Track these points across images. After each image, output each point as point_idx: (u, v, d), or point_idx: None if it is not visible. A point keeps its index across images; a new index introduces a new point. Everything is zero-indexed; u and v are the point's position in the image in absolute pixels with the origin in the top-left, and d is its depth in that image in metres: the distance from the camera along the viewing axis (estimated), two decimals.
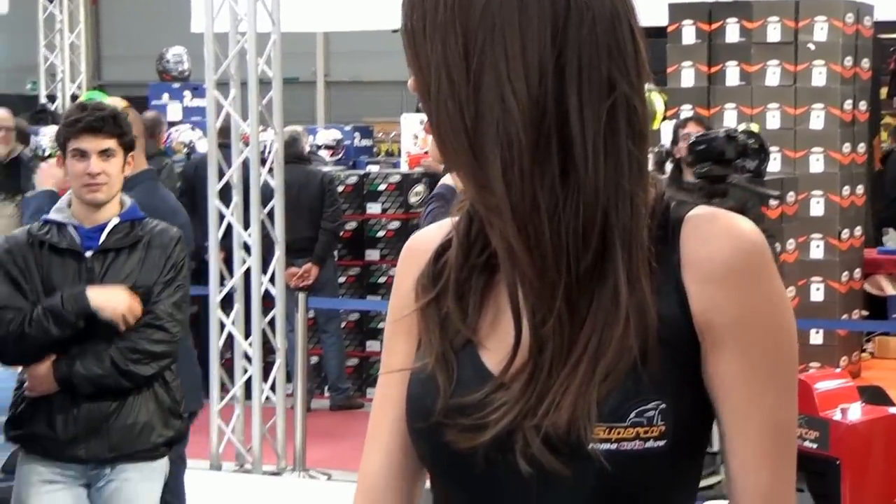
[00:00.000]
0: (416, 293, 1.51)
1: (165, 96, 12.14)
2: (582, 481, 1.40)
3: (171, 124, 10.93)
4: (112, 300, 3.73)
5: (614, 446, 1.38)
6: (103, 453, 3.77)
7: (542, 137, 1.35)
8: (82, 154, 3.76)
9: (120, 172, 3.81)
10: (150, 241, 3.81)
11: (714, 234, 1.41)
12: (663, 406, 1.38)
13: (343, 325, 9.05)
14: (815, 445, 4.79)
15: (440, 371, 1.45)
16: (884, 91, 12.56)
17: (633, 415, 1.38)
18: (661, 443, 1.38)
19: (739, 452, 1.42)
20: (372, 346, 9.19)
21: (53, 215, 3.82)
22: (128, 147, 3.84)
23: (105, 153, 3.76)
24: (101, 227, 3.80)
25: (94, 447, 3.76)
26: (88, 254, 3.79)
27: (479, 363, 1.45)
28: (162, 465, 3.89)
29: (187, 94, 12.22)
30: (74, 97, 13.20)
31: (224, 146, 6.97)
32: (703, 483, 1.54)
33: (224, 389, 6.97)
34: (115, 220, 3.81)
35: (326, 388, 9.14)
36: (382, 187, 9.07)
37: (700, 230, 1.42)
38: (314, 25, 11.40)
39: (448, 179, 6.60)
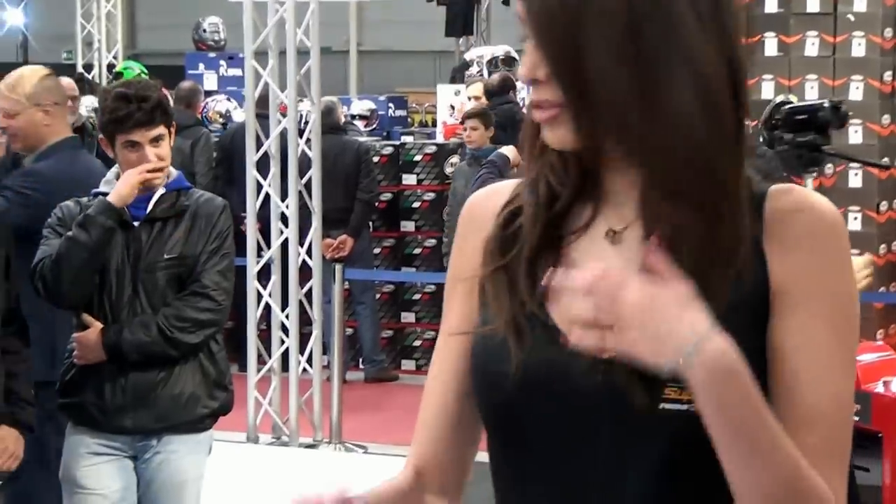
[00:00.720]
0: (484, 256, 1.54)
1: (201, 66, 12.12)
2: (654, 441, 1.43)
3: (208, 94, 10.92)
4: (122, 181, 3.75)
5: (684, 407, 1.40)
6: (150, 424, 3.78)
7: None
8: (133, 145, 3.76)
9: (169, 150, 3.82)
10: (196, 210, 3.81)
11: (795, 208, 1.47)
12: None
13: (378, 296, 9.05)
14: (856, 419, 4.77)
15: (512, 336, 1.48)
16: None
17: None
18: None
19: (795, 416, 1.42)
20: (406, 317, 9.19)
21: (103, 187, 3.82)
22: (172, 121, 3.84)
23: (156, 140, 3.77)
24: (148, 198, 3.80)
25: (141, 417, 3.77)
26: (136, 224, 3.80)
27: (551, 327, 1.48)
28: (208, 437, 3.89)
29: (223, 63, 12.20)
30: (111, 66, 13.21)
31: (261, 116, 6.96)
32: None
33: (260, 361, 6.98)
34: (162, 191, 3.82)
35: (361, 360, 9.16)
36: (418, 158, 9.04)
37: (781, 203, 1.47)
38: None
39: (506, 150, 6.62)
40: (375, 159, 8.93)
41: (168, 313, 3.76)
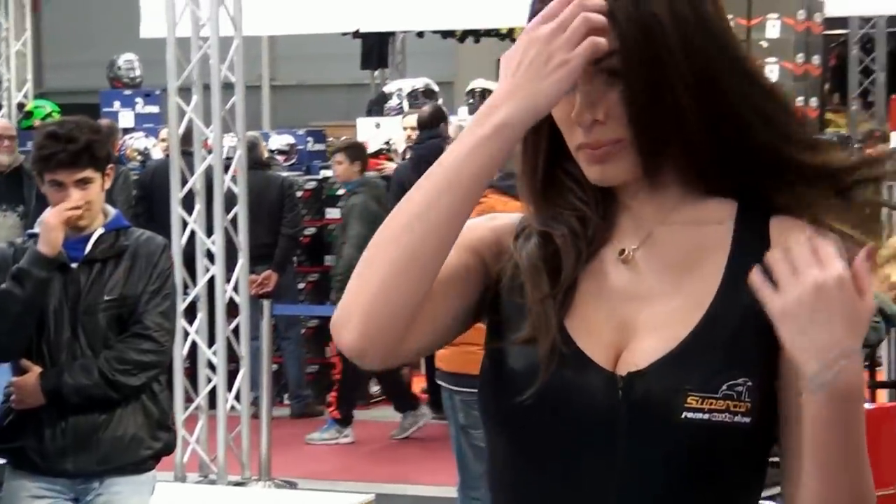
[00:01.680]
0: (532, 274, 1.55)
1: (117, 103, 12.04)
2: (672, 449, 1.46)
3: (125, 132, 10.83)
4: (47, 221, 3.69)
5: (706, 416, 1.45)
6: (91, 466, 3.73)
7: None
8: (59, 184, 3.71)
9: (99, 193, 3.76)
10: (136, 250, 3.77)
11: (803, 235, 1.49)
12: (750, 384, 1.45)
13: (302, 331, 9.01)
14: None
15: (548, 356, 1.50)
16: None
17: (724, 387, 1.45)
18: (747, 420, 1.45)
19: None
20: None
21: (38, 228, 3.77)
22: (104, 164, 3.78)
23: (82, 182, 3.71)
24: (86, 238, 3.76)
25: (82, 460, 3.72)
26: (74, 265, 3.75)
27: (575, 350, 1.51)
28: (151, 478, 3.85)
29: (139, 100, 12.12)
30: (21, 105, 13.05)
31: (184, 153, 6.91)
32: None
33: (187, 399, 6.92)
34: (100, 231, 3.77)
35: (286, 395, 9.11)
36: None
37: (786, 228, 1.51)
38: (272, 29, 11.35)
39: None
40: (299, 194, 8.91)
41: (109, 356, 3.71)
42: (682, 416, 1.45)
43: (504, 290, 1.58)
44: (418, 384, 8.94)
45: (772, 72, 8.61)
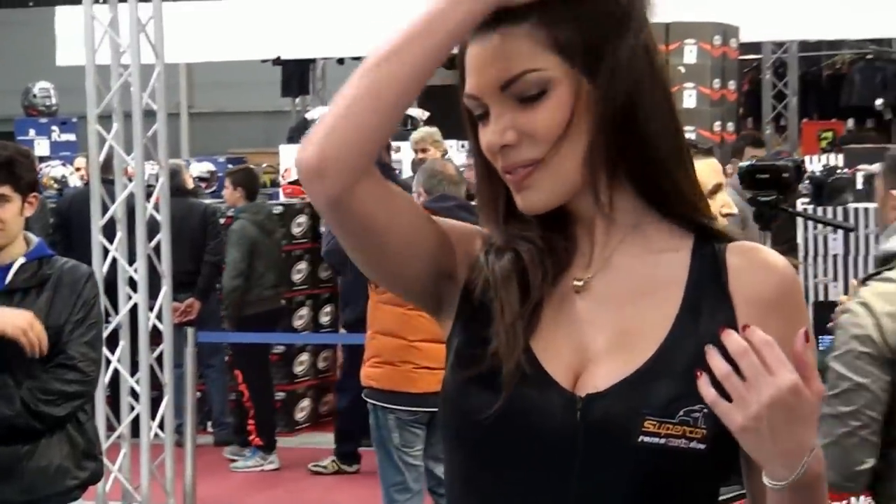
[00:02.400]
0: (503, 284, 1.57)
1: (32, 132, 11.93)
2: (628, 472, 1.48)
3: (40, 160, 10.72)
4: (9, 317, 3.64)
5: (662, 441, 1.47)
6: (15, 497, 3.67)
7: None
8: None
9: (17, 216, 3.72)
10: (59, 279, 3.73)
11: (761, 265, 1.55)
12: (706, 411, 1.46)
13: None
14: None
15: (512, 376, 1.51)
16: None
17: (681, 413, 1.47)
18: (702, 446, 1.47)
19: None
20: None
21: None
22: (26, 188, 3.75)
23: None
24: (7, 267, 3.71)
25: (5, 491, 3.66)
26: None
27: (539, 367, 1.53)
28: None
29: (55, 129, 12.01)
30: None
31: (105, 181, 6.87)
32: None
33: (110, 428, 6.85)
34: (22, 260, 3.73)
35: (210, 423, 9.05)
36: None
37: (745, 259, 1.55)
38: (193, 56, 11.32)
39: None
40: (221, 221, 8.88)
41: (32, 386, 3.66)
42: (639, 439, 1.47)
43: (470, 302, 1.59)
44: None
45: (689, 97, 8.73)
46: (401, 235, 1.56)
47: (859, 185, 7.89)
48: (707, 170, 3.29)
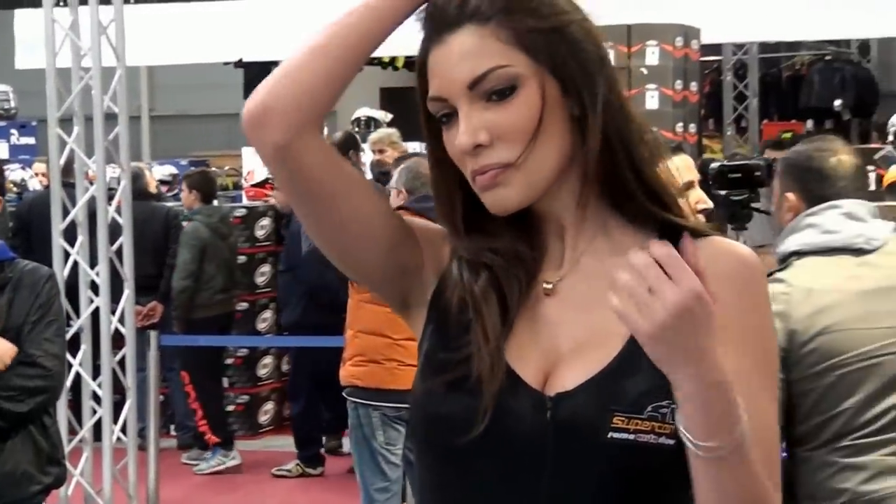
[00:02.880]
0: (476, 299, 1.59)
1: None
2: (599, 469, 1.49)
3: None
4: None
5: (632, 436, 1.48)
6: None
7: None
8: None
9: None
10: (19, 281, 3.72)
11: (722, 254, 1.57)
12: (674, 406, 1.46)
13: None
14: None
15: (491, 384, 1.52)
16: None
17: (650, 408, 1.48)
18: (671, 441, 1.48)
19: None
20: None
21: None
22: None
23: None
24: None
25: None
26: None
27: (511, 372, 1.55)
28: None
29: (14, 132, 11.95)
30: None
31: (65, 184, 6.83)
32: None
33: (72, 431, 6.82)
34: None
35: (173, 426, 9.01)
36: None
37: (708, 249, 1.54)
38: (155, 59, 11.28)
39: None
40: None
41: None
42: (609, 435, 1.48)
43: (441, 310, 1.61)
44: None
45: (652, 98, 8.77)
46: (352, 208, 1.57)
47: None
48: (679, 167, 3.34)
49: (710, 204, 3.48)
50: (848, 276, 3.09)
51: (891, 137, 10.97)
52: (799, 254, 3.14)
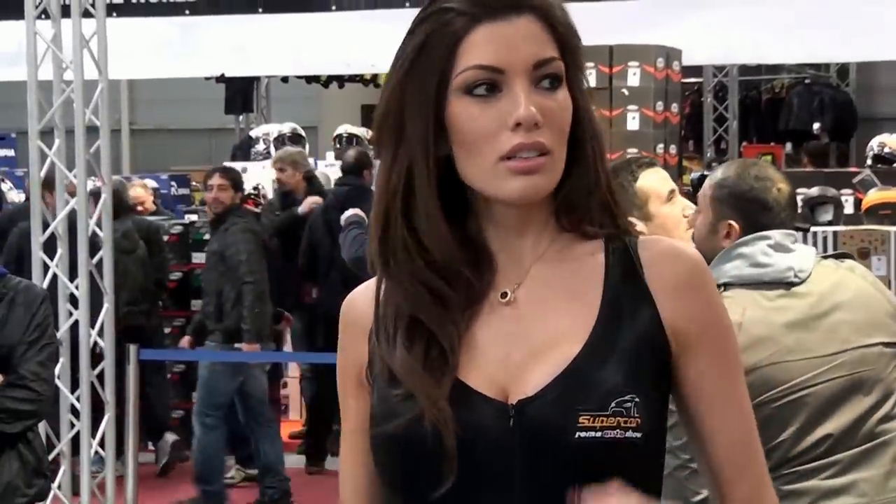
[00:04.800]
0: (380, 341, 1.61)
1: None
2: (569, 470, 1.51)
3: None
4: None
5: (599, 434, 1.50)
6: None
7: None
8: None
9: None
10: (13, 298, 3.72)
11: (670, 254, 1.61)
12: (637, 400, 1.51)
13: (168, 376, 8.92)
14: None
15: (451, 448, 1.53)
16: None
17: (613, 404, 1.51)
18: (638, 434, 1.51)
19: (722, 444, 1.60)
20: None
21: None
22: None
23: None
24: None
25: None
26: None
27: (467, 387, 1.56)
28: None
29: None
30: None
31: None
32: None
33: (50, 445, 6.79)
34: None
35: (151, 441, 8.99)
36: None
37: (656, 251, 1.61)
38: (136, 73, 11.27)
39: (355, 210, 7.03)
40: (164, 238, 8.84)
41: None
42: (576, 435, 1.50)
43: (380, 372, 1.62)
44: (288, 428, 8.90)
45: (633, 119, 8.79)
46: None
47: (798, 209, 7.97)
48: (657, 179, 3.37)
49: (694, 208, 3.50)
50: (775, 307, 3.11)
51: (869, 161, 11.04)
52: (729, 285, 3.16)
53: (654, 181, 3.39)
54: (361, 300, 1.66)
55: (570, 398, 1.51)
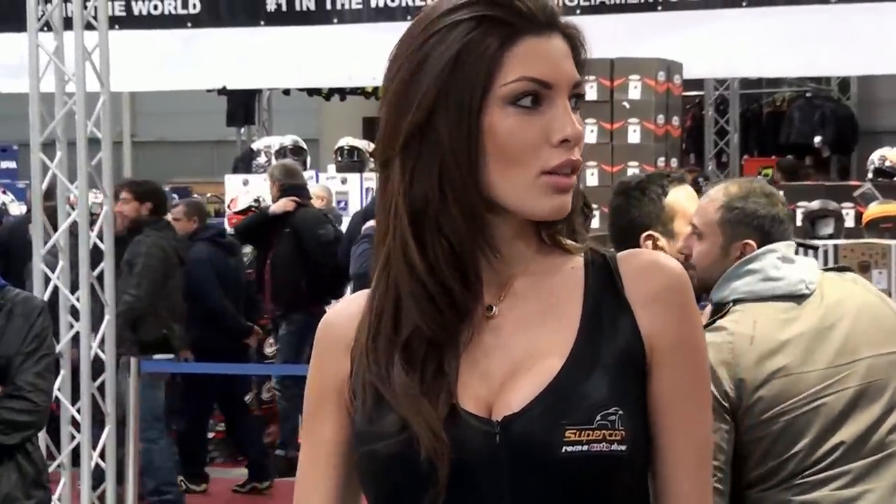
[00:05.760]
0: (361, 361, 1.60)
1: None
2: (557, 485, 1.50)
3: None
4: None
5: (585, 448, 1.50)
6: None
7: None
8: None
9: None
10: (11, 309, 3.73)
11: (650, 266, 1.61)
12: (621, 412, 1.51)
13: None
14: None
15: (439, 441, 1.52)
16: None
17: (598, 417, 1.50)
18: (623, 447, 1.51)
19: (672, 462, 1.58)
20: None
21: None
22: None
23: None
24: None
25: None
26: None
27: (455, 406, 1.55)
28: None
29: None
30: None
31: (46, 209, 6.83)
32: None
33: (50, 457, 6.79)
34: None
35: None
36: None
37: (635, 264, 1.62)
38: (138, 85, 11.28)
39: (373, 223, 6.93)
40: None
41: None
42: (563, 450, 1.49)
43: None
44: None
45: (634, 132, 8.79)
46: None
47: (798, 223, 7.98)
48: (685, 197, 3.37)
49: None
50: (786, 319, 3.12)
51: (870, 175, 11.04)
52: (739, 301, 3.16)
53: (683, 199, 3.39)
54: (343, 316, 1.65)
55: (555, 413, 1.51)
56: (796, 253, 3.27)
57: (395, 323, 1.58)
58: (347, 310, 1.65)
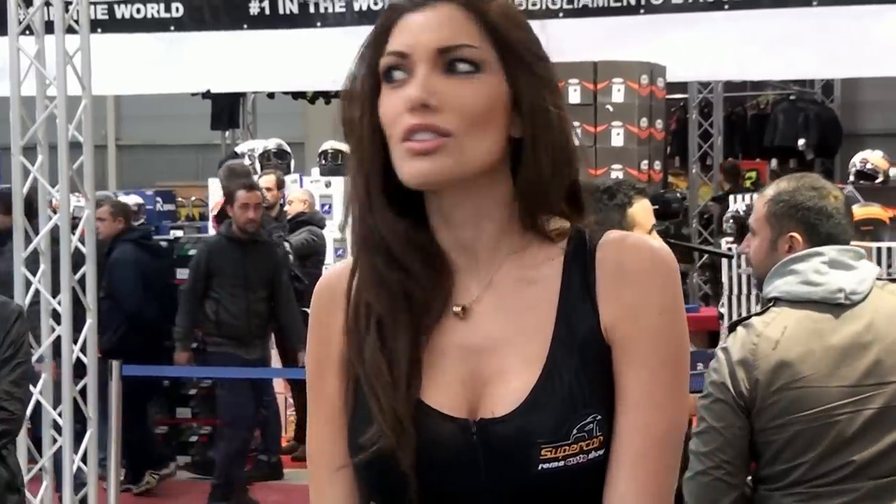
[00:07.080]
0: (349, 346, 1.60)
1: None
2: (532, 496, 1.50)
3: None
4: None
5: (561, 463, 1.49)
6: None
7: None
8: None
9: None
10: None
11: (625, 248, 1.57)
12: (599, 417, 1.50)
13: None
14: None
15: (403, 436, 1.52)
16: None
17: (574, 431, 1.49)
18: (601, 452, 1.50)
19: (614, 461, 1.52)
20: (182, 412, 9.07)
21: None
22: None
23: None
24: None
25: None
26: None
27: (428, 407, 1.55)
28: None
29: None
30: None
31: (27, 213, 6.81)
32: None
33: (32, 460, 6.78)
34: None
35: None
36: (192, 252, 8.98)
37: (612, 247, 1.57)
38: (121, 89, 11.26)
39: None
40: None
41: None
42: (539, 468, 1.49)
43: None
44: None
45: (617, 135, 8.80)
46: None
47: None
48: (643, 211, 3.38)
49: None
50: (820, 329, 3.09)
51: (852, 178, 11.07)
52: (778, 300, 3.16)
53: (642, 212, 3.40)
54: (336, 278, 1.66)
55: (531, 429, 1.50)
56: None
57: (367, 308, 1.58)
58: (342, 273, 1.65)
